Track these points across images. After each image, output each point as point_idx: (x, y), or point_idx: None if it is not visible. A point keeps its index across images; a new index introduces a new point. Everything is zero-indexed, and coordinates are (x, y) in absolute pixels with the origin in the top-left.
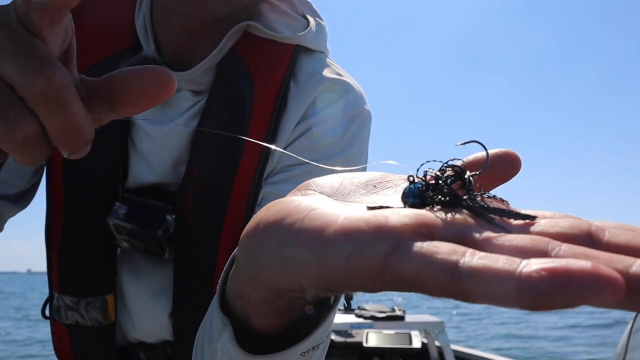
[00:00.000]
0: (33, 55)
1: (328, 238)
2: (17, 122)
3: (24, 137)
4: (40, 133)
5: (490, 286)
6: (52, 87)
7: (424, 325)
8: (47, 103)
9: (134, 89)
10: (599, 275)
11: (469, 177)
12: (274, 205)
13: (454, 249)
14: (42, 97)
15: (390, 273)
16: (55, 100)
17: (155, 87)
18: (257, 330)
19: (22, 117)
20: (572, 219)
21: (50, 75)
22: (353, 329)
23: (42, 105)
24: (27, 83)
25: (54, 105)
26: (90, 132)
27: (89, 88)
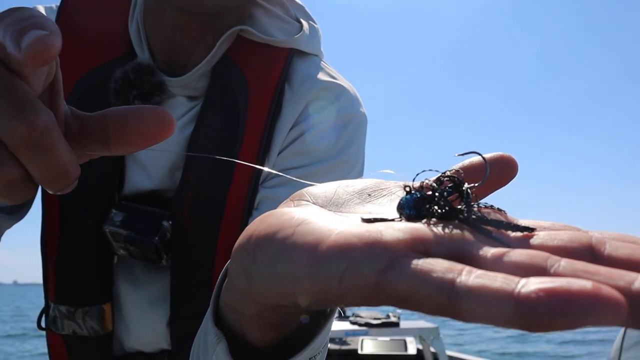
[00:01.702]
0: (14, 98)
1: (321, 255)
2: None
3: (6, 182)
4: (23, 176)
5: (488, 307)
6: (34, 133)
7: (419, 331)
8: (29, 149)
9: (133, 128)
10: (600, 297)
11: (467, 188)
12: (266, 217)
13: (450, 267)
14: (23, 143)
15: (385, 291)
16: (37, 145)
17: (156, 128)
18: (252, 344)
19: (3, 162)
20: (571, 230)
21: (32, 120)
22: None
23: (24, 150)
24: (7, 129)
25: (37, 151)
26: (76, 171)
27: (82, 123)
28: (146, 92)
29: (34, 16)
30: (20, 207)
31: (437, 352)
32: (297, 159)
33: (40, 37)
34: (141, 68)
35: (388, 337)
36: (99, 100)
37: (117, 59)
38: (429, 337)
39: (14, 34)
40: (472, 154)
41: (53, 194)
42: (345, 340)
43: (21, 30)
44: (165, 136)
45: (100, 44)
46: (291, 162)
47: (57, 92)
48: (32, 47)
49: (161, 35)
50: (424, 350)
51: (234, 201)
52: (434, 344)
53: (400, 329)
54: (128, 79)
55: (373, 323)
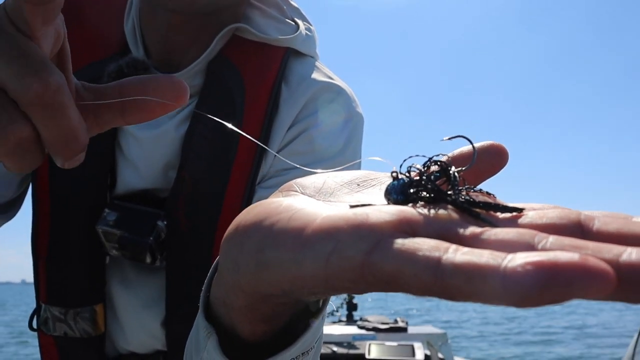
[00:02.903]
0: (28, 57)
1: (307, 238)
2: (10, 125)
3: (17, 141)
4: (34, 137)
5: (475, 283)
6: (48, 91)
7: (427, 337)
8: (42, 107)
9: (151, 95)
10: (587, 268)
11: (454, 172)
12: (254, 207)
13: (436, 245)
14: (37, 101)
15: (371, 272)
16: (50, 104)
17: (172, 95)
18: (243, 338)
19: (15, 120)
20: (561, 209)
21: (46, 77)
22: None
23: (37, 108)
24: (22, 86)
25: (50, 109)
26: (85, 138)
27: (97, 95)
28: None
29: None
30: (10, 206)
31: (445, 358)
32: (296, 159)
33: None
34: (135, 63)
35: (396, 342)
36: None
37: (111, 57)
38: (437, 342)
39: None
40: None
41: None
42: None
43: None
44: (181, 103)
45: (96, 41)
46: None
47: (65, 62)
48: None
49: (156, 34)
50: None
51: (231, 201)
52: (442, 349)
53: (408, 334)
54: (122, 73)
55: (381, 328)
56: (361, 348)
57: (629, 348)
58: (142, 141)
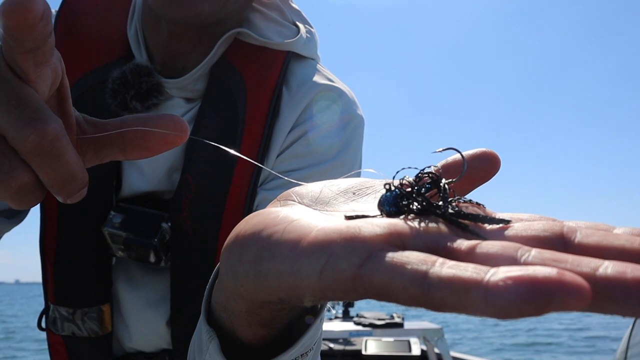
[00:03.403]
0: (25, 106)
1: (302, 251)
2: (11, 173)
3: (18, 187)
4: (34, 181)
5: (459, 296)
6: (45, 140)
7: (423, 332)
8: (40, 155)
9: (153, 134)
10: (564, 283)
11: (444, 184)
12: (253, 217)
13: (424, 259)
14: (35, 150)
15: (362, 285)
16: (48, 152)
17: (173, 131)
18: (244, 341)
19: (15, 167)
20: (546, 221)
21: (42, 128)
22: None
23: (35, 157)
24: (19, 136)
25: (47, 157)
26: (84, 177)
27: (99, 129)
28: (143, 93)
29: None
30: (18, 211)
31: (441, 353)
32: (296, 161)
33: None
34: (139, 69)
35: (392, 337)
36: (96, 101)
37: (114, 61)
38: (433, 338)
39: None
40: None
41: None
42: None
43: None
44: (182, 141)
45: (99, 46)
46: (290, 164)
47: (64, 99)
48: (6, 5)
49: (159, 41)
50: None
51: (233, 203)
52: (438, 344)
53: (404, 329)
54: (126, 79)
55: (377, 324)
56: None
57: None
58: None
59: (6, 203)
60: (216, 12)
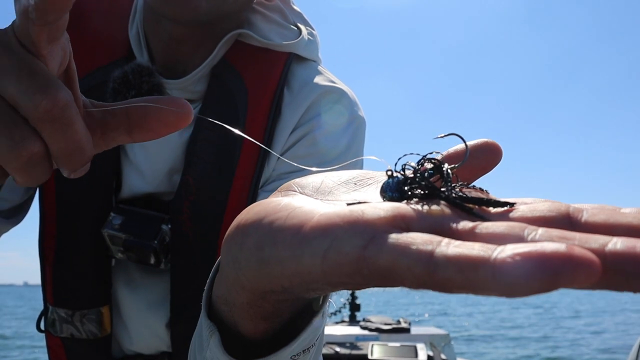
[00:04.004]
0: (36, 75)
1: (304, 235)
2: (23, 142)
3: (29, 156)
4: (44, 152)
5: (466, 274)
6: (57, 106)
7: (430, 337)
8: (51, 122)
9: (154, 117)
10: (573, 257)
11: (447, 169)
12: (253, 207)
13: (429, 239)
14: (46, 116)
15: (367, 266)
16: (59, 119)
17: (175, 115)
18: (245, 336)
19: (27, 136)
20: (551, 202)
21: (54, 94)
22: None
23: (46, 124)
24: (31, 103)
25: (58, 124)
26: (91, 150)
27: (105, 112)
28: (144, 93)
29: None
30: (17, 212)
31: (447, 359)
32: (297, 162)
33: None
34: (140, 69)
35: (398, 342)
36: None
37: (116, 61)
38: (439, 343)
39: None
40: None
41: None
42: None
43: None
44: (184, 124)
45: (100, 46)
46: (291, 166)
47: (72, 79)
48: None
49: (160, 41)
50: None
51: (234, 205)
52: (444, 350)
53: (410, 335)
54: (127, 79)
55: (384, 328)
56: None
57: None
58: (147, 146)
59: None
60: (214, 9)
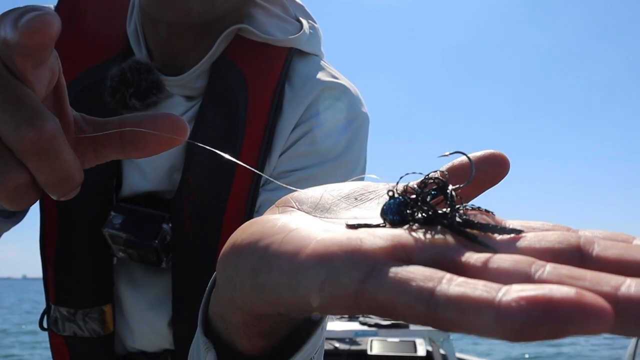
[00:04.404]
0: (22, 104)
1: (301, 264)
2: (7, 173)
3: (14, 187)
4: (30, 182)
5: (468, 316)
6: (42, 138)
7: (429, 333)
8: (37, 154)
9: (148, 137)
10: (584, 305)
11: (451, 191)
12: (249, 226)
13: (430, 275)
14: (32, 149)
15: (365, 301)
16: (45, 150)
17: (172, 131)
18: (242, 353)
19: (11, 167)
20: (560, 231)
21: (41, 126)
22: (357, 337)
23: (32, 156)
24: (16, 134)
25: (44, 156)
26: (80, 176)
27: (97, 129)
28: (143, 91)
29: (32, 5)
30: (15, 212)
31: (446, 354)
32: (300, 160)
33: (37, 15)
34: (139, 66)
35: (397, 338)
36: (95, 98)
37: (114, 58)
38: (438, 339)
39: (11, 21)
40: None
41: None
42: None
43: (19, 15)
44: (180, 142)
45: (97, 43)
46: (294, 163)
47: (61, 98)
48: (29, 24)
49: (158, 38)
50: (433, 352)
51: (235, 204)
52: (443, 345)
53: (410, 330)
54: (125, 76)
55: (383, 324)
56: (363, 344)
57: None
58: None
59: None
60: (207, 10)
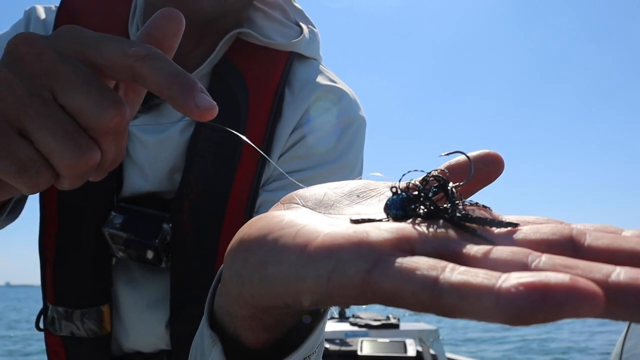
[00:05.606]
0: (107, 91)
1: (309, 256)
2: (88, 151)
3: (92, 165)
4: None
5: (470, 302)
6: (124, 121)
7: (419, 333)
8: (115, 134)
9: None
10: (577, 289)
11: (452, 187)
12: (257, 221)
13: (434, 265)
14: (114, 130)
15: (371, 290)
16: (122, 132)
17: (171, 24)
18: (247, 346)
19: (91, 145)
20: (554, 224)
21: (124, 110)
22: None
23: (110, 136)
24: (102, 115)
25: (118, 137)
26: None
27: None
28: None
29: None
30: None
31: (436, 354)
32: (298, 163)
33: (213, 104)
34: None
35: (388, 338)
36: None
37: None
38: (428, 339)
39: (184, 88)
40: (456, 154)
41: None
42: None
43: (192, 87)
44: (181, 27)
45: None
46: (292, 165)
47: None
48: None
49: None
50: (423, 352)
51: (235, 204)
52: (433, 346)
53: (400, 330)
54: None
55: (373, 324)
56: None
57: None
58: (148, 145)
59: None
60: (216, 9)
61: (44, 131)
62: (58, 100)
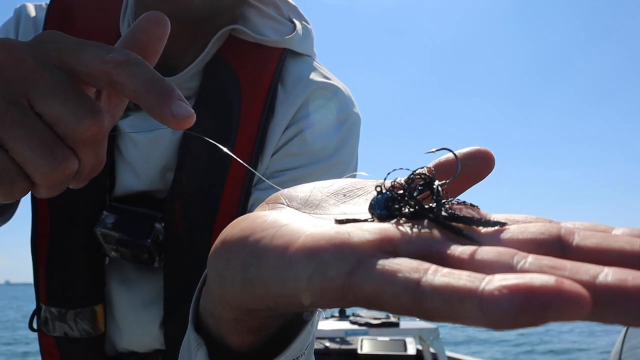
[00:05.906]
0: (85, 100)
1: (290, 258)
2: (65, 160)
3: (69, 175)
4: (76, 170)
5: (452, 305)
6: (102, 131)
7: (419, 331)
8: (92, 144)
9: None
10: (563, 291)
11: (438, 186)
12: (240, 222)
13: (416, 267)
14: (91, 139)
15: (352, 293)
16: (100, 141)
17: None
18: (232, 348)
19: (68, 155)
20: (542, 223)
21: (101, 119)
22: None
23: (87, 145)
24: (79, 125)
25: (97, 146)
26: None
27: None
28: None
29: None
30: (6, 209)
31: (436, 352)
32: (291, 160)
33: (190, 112)
34: None
35: (388, 337)
36: None
37: None
38: (428, 337)
39: (161, 96)
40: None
41: None
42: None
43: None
44: (167, 30)
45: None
46: (285, 163)
47: None
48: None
49: None
50: (423, 350)
51: (227, 203)
52: (433, 344)
53: (400, 329)
54: None
55: (373, 323)
56: (354, 343)
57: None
58: (140, 143)
59: None
60: (207, 4)
61: (19, 140)
62: (35, 108)
